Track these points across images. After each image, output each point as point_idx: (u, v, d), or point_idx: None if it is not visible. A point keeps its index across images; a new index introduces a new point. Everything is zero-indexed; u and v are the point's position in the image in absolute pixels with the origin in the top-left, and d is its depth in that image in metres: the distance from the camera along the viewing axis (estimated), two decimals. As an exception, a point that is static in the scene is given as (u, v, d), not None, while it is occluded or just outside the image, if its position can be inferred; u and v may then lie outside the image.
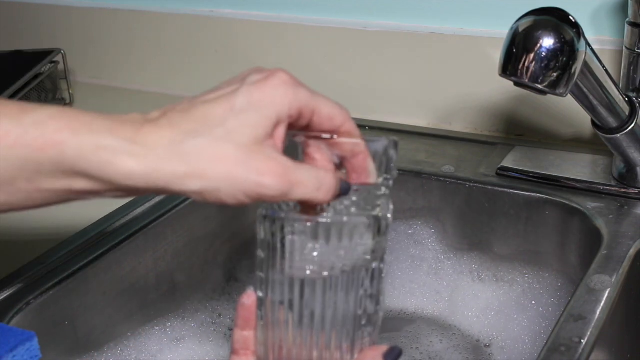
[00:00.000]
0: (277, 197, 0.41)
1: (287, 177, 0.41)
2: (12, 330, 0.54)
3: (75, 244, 0.74)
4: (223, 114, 0.42)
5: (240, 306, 0.46)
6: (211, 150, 0.41)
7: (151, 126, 0.41)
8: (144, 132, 0.41)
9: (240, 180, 0.41)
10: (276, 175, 0.41)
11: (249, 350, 0.47)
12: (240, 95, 0.42)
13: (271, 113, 0.42)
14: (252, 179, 0.41)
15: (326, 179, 0.43)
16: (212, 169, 0.41)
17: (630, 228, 0.71)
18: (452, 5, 0.94)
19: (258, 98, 0.42)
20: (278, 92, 0.43)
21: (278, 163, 0.41)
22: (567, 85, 0.63)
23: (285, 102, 0.43)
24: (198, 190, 0.41)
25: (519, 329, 0.80)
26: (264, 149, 0.41)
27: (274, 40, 1.06)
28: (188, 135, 0.41)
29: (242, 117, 0.42)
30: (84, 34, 1.23)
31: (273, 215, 0.44)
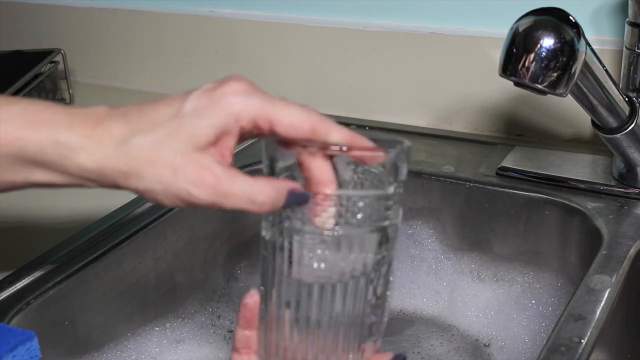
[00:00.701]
0: (208, 206, 0.42)
1: (217, 189, 0.42)
2: (12, 330, 0.54)
3: (75, 244, 0.74)
4: (169, 117, 0.43)
5: (243, 306, 0.46)
6: (150, 152, 0.42)
7: (108, 123, 0.43)
8: (100, 128, 0.43)
9: (172, 186, 0.42)
10: (206, 187, 0.42)
11: (250, 350, 0.47)
12: (189, 100, 0.43)
13: (216, 121, 0.42)
14: (182, 187, 0.42)
15: (263, 192, 0.42)
16: (148, 171, 0.42)
17: (630, 228, 0.71)
18: (452, 5, 0.94)
19: (204, 105, 0.42)
20: (227, 101, 0.43)
21: (210, 173, 0.42)
22: (567, 85, 0.63)
23: (233, 111, 0.42)
24: (138, 190, 0.43)
25: (518, 329, 0.80)
26: (200, 157, 0.42)
27: (274, 40, 1.06)
28: (135, 134, 0.42)
29: (184, 122, 0.42)
30: (84, 34, 1.23)
31: (280, 224, 0.43)
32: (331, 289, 0.43)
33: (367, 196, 0.43)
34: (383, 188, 0.44)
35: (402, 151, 0.44)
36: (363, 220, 0.43)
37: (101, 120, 0.44)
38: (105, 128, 0.43)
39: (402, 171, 0.44)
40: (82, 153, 0.43)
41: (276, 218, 0.44)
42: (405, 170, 0.45)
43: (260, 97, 0.43)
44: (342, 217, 0.43)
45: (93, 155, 0.43)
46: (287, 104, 0.43)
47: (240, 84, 0.43)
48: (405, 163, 0.45)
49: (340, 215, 0.43)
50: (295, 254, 0.43)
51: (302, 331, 0.44)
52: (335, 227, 0.43)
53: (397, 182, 0.44)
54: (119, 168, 0.43)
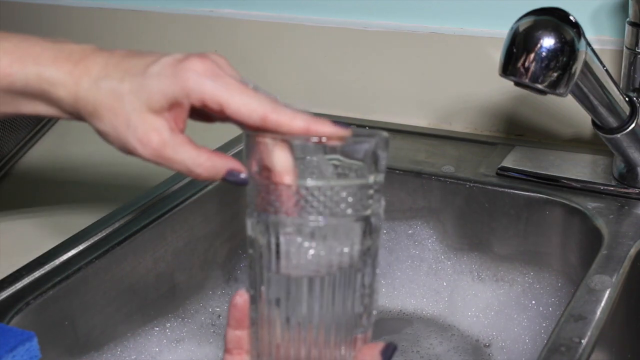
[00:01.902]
0: (154, 162, 0.46)
1: (160, 152, 0.46)
2: (11, 330, 0.54)
3: (75, 244, 0.74)
4: (137, 72, 0.46)
5: (233, 306, 0.46)
6: (112, 101, 0.46)
7: (90, 61, 0.48)
8: (82, 65, 0.47)
9: (123, 138, 0.46)
10: (150, 148, 0.46)
11: (242, 350, 0.47)
12: (158, 63, 0.46)
13: (168, 91, 0.45)
14: (130, 142, 0.46)
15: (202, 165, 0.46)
16: (107, 117, 0.46)
17: (630, 228, 0.71)
18: (452, 5, 0.94)
19: (166, 73, 0.45)
20: (183, 76, 0.45)
21: (158, 136, 0.46)
22: (567, 85, 0.63)
23: (185, 86, 0.45)
24: (97, 129, 0.48)
25: (518, 329, 0.80)
26: (153, 120, 0.46)
27: (274, 40, 1.06)
28: (106, 79, 0.47)
29: (146, 83, 0.46)
30: (84, 34, 1.23)
31: (266, 218, 0.44)
32: (319, 282, 0.44)
33: (348, 186, 0.44)
34: (364, 178, 0.45)
35: (380, 140, 0.45)
36: (345, 210, 0.44)
37: (85, 58, 0.48)
38: (87, 66, 0.47)
39: (381, 161, 0.45)
40: (61, 87, 0.47)
41: (261, 214, 0.44)
42: (384, 160, 0.45)
43: (217, 80, 0.45)
44: (326, 207, 0.43)
45: (70, 90, 0.47)
46: (243, 91, 0.45)
47: (204, 64, 0.46)
48: (384, 152, 0.45)
49: (324, 206, 0.43)
50: (282, 248, 0.44)
51: (292, 327, 0.44)
52: (318, 218, 0.43)
53: (377, 171, 0.45)
54: (86, 106, 0.47)
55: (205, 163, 0.46)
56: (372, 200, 0.45)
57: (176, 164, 0.46)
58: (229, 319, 0.47)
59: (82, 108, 0.47)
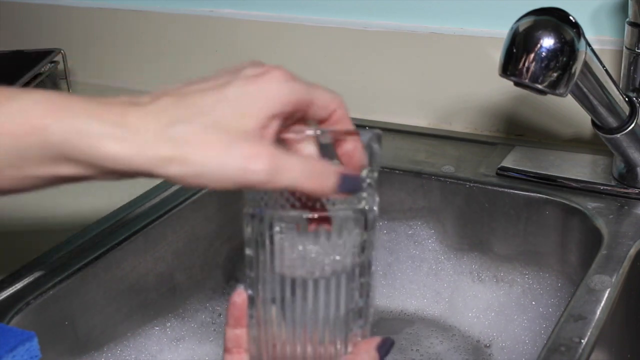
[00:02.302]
0: (263, 182, 0.41)
1: (274, 161, 0.41)
2: (12, 330, 0.54)
3: (75, 244, 0.74)
4: (213, 103, 0.42)
5: (232, 305, 0.46)
6: (197, 136, 0.40)
7: (138, 110, 0.41)
8: (131, 116, 0.41)
9: (226, 167, 0.40)
10: (263, 159, 0.40)
11: (241, 349, 0.47)
12: (233, 86, 0.42)
13: (263, 106, 0.42)
14: (238, 165, 0.40)
15: (323, 169, 0.42)
16: (196, 154, 0.40)
17: (630, 228, 0.71)
18: (452, 5, 0.94)
19: (252, 91, 0.42)
20: (272, 87, 0.43)
21: (265, 148, 0.41)
22: (567, 85, 0.63)
23: (279, 97, 0.43)
24: (180, 175, 0.41)
25: (519, 329, 0.80)
26: (251, 138, 0.41)
27: (274, 40, 1.06)
28: (175, 121, 0.41)
29: (233, 107, 0.42)
30: (84, 34, 1.23)
31: (260, 213, 0.44)
32: (315, 279, 0.44)
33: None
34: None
35: (374, 136, 0.45)
36: (340, 203, 0.44)
37: (128, 108, 0.41)
38: (136, 115, 0.41)
39: (375, 156, 0.45)
40: (113, 141, 0.40)
41: (256, 212, 0.44)
42: (378, 156, 0.46)
43: (301, 82, 0.44)
44: (319, 201, 0.44)
45: (126, 143, 0.40)
46: (320, 86, 0.45)
47: (282, 72, 0.44)
48: (377, 148, 0.46)
49: (317, 200, 0.44)
50: (277, 247, 0.44)
51: (289, 325, 0.44)
52: (313, 213, 0.43)
53: (371, 166, 0.45)
54: (158, 154, 0.40)
55: (314, 167, 0.42)
56: (366, 194, 0.45)
57: (292, 173, 0.41)
58: (227, 318, 0.47)
59: (147, 159, 0.41)
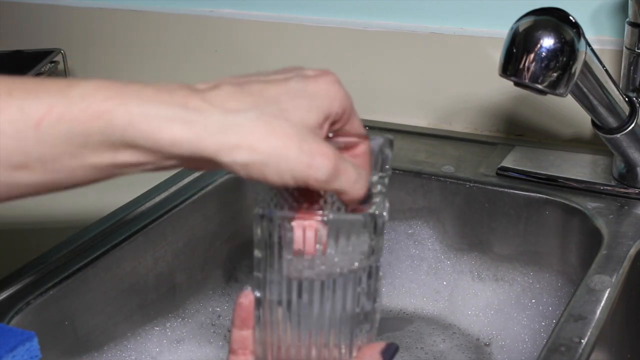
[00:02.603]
0: (322, 181, 0.40)
1: (337, 163, 0.40)
2: (12, 330, 0.54)
3: (75, 244, 0.74)
4: (277, 94, 0.41)
5: (238, 306, 0.46)
6: (264, 125, 0.40)
7: (201, 96, 0.41)
8: (195, 101, 0.40)
9: (291, 158, 0.40)
10: (328, 159, 0.40)
11: (247, 350, 0.47)
12: (295, 82, 0.42)
13: (323, 104, 0.42)
14: (303, 159, 0.40)
15: (364, 175, 0.42)
16: (264, 143, 0.40)
17: (630, 228, 0.71)
18: (452, 5, 0.94)
19: (313, 89, 0.42)
20: (332, 88, 0.43)
21: (329, 148, 0.41)
22: (567, 85, 0.63)
23: (337, 98, 0.43)
24: (245, 163, 0.40)
25: (518, 328, 0.80)
26: (316, 134, 0.41)
27: (274, 40, 1.06)
28: (241, 108, 0.40)
29: (296, 101, 0.41)
30: (84, 34, 1.23)
31: (270, 214, 0.44)
32: (323, 283, 0.44)
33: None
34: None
35: (386, 142, 0.45)
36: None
37: (190, 94, 0.41)
38: (200, 100, 0.40)
39: (386, 162, 0.46)
40: (178, 124, 0.39)
41: (266, 214, 0.44)
42: (388, 162, 0.46)
43: (349, 94, 0.44)
44: (328, 205, 0.44)
45: (191, 126, 0.39)
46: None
47: (337, 78, 0.44)
48: (389, 153, 0.46)
49: (326, 203, 0.44)
50: (287, 249, 0.44)
51: (294, 328, 0.44)
52: (322, 218, 0.43)
53: (381, 171, 0.45)
54: (224, 139, 0.39)
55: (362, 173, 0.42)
56: (376, 199, 0.45)
57: (345, 176, 0.41)
58: (234, 319, 0.47)
59: (212, 144, 0.39)
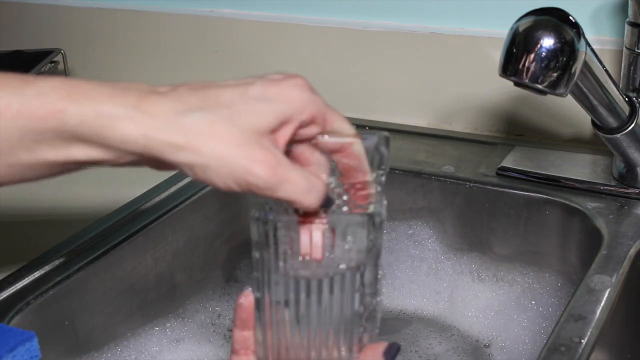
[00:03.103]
0: (263, 189, 0.41)
1: (278, 172, 0.41)
2: (12, 330, 0.54)
3: (75, 244, 0.74)
4: (232, 98, 0.42)
5: (238, 307, 0.46)
6: (210, 128, 0.41)
7: (157, 97, 0.42)
8: (148, 101, 0.41)
9: (231, 163, 0.41)
10: (267, 166, 0.40)
11: (249, 350, 0.47)
12: (255, 86, 0.43)
13: (281, 108, 0.42)
14: (242, 165, 0.40)
15: (318, 184, 0.42)
16: (207, 146, 0.41)
17: (630, 228, 0.71)
18: (452, 5, 0.94)
19: (273, 92, 0.42)
20: (294, 92, 0.43)
21: (272, 155, 0.41)
22: (567, 85, 0.63)
23: (299, 102, 0.43)
24: (189, 164, 0.41)
25: (518, 329, 0.80)
26: (262, 140, 0.41)
27: (274, 40, 1.06)
28: (191, 110, 0.41)
29: (250, 105, 0.42)
30: (84, 34, 1.23)
31: (265, 217, 0.44)
32: (321, 282, 0.44)
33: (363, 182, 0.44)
34: None
35: (381, 139, 0.45)
36: (344, 207, 0.44)
37: (147, 94, 0.42)
38: (154, 101, 0.41)
39: (382, 160, 0.45)
40: (128, 122, 0.41)
41: (262, 215, 0.44)
42: (385, 159, 0.46)
43: (319, 97, 0.44)
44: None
45: (140, 124, 0.41)
46: (337, 111, 0.45)
47: (304, 81, 0.44)
48: (385, 151, 0.45)
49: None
50: (284, 249, 0.44)
51: (297, 327, 0.44)
52: (320, 217, 0.43)
53: (378, 170, 0.45)
54: (170, 139, 0.41)
55: (314, 182, 0.42)
56: (374, 198, 0.45)
57: (292, 185, 0.41)
58: (235, 320, 0.47)
59: (159, 144, 0.41)
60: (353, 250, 0.44)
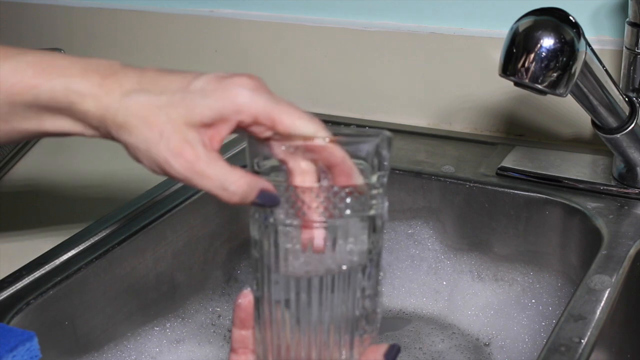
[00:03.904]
0: (181, 180, 0.44)
1: (195, 167, 0.43)
2: (12, 330, 0.54)
3: (75, 244, 0.74)
4: (177, 87, 0.45)
5: (237, 307, 0.47)
6: (146, 112, 0.44)
7: (121, 76, 0.45)
8: (112, 79, 0.45)
9: (154, 151, 0.44)
10: (184, 161, 0.43)
11: (247, 349, 0.47)
12: (200, 80, 0.45)
13: (216, 106, 0.44)
14: (162, 155, 0.43)
15: (236, 183, 0.43)
16: (138, 129, 0.44)
17: (630, 228, 0.71)
18: (452, 5, 0.94)
19: (212, 88, 0.44)
20: (234, 91, 0.44)
21: (192, 150, 0.43)
22: (567, 85, 0.63)
23: (236, 102, 0.44)
24: (125, 143, 0.45)
25: (518, 328, 0.80)
26: (188, 133, 0.43)
27: (274, 40, 1.06)
28: (140, 91, 0.44)
29: (188, 96, 0.44)
30: (84, 34, 1.23)
31: (265, 219, 0.44)
32: (322, 283, 0.44)
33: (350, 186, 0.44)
34: (366, 178, 0.44)
35: (384, 140, 0.45)
36: (348, 211, 0.44)
37: (114, 73, 0.46)
38: (118, 80, 0.45)
39: (384, 160, 0.45)
40: (90, 99, 0.45)
41: (261, 215, 0.44)
42: (387, 160, 0.45)
43: (267, 96, 0.44)
44: (327, 209, 0.44)
45: (98, 102, 0.45)
46: (291, 107, 0.44)
47: (251, 80, 0.45)
48: (387, 152, 0.45)
49: (325, 207, 0.43)
50: (284, 249, 0.44)
51: (295, 328, 0.44)
52: (322, 219, 0.43)
53: (380, 171, 0.45)
54: (116, 119, 0.44)
55: (239, 181, 0.43)
56: (375, 200, 0.45)
57: (208, 181, 0.43)
58: (233, 319, 0.47)
59: (110, 121, 0.45)
60: (354, 252, 0.44)
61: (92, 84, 0.45)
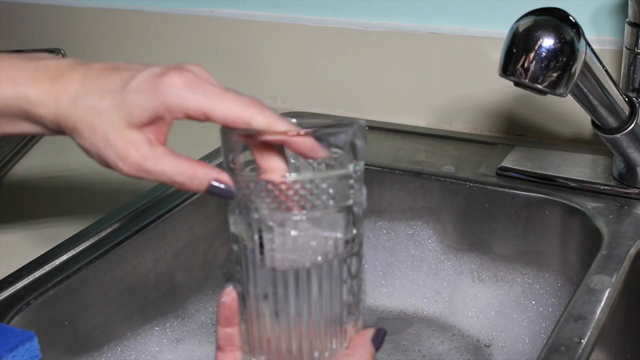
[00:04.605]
0: (135, 177, 0.46)
1: (140, 166, 0.46)
2: (12, 330, 0.54)
3: (75, 244, 0.74)
4: (117, 87, 0.46)
5: (221, 305, 0.47)
6: (92, 118, 0.46)
7: (66, 79, 0.47)
8: (59, 84, 0.47)
9: (102, 154, 0.46)
10: (130, 162, 0.46)
11: (234, 347, 0.47)
12: (137, 79, 0.46)
13: (149, 107, 0.45)
14: (110, 158, 0.46)
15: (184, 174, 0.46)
16: (88, 134, 0.46)
17: (630, 228, 0.71)
18: (452, 5, 0.94)
19: (145, 89, 0.45)
20: (163, 91, 0.45)
21: (137, 151, 0.46)
22: (567, 85, 0.63)
23: (166, 102, 0.45)
24: (80, 145, 0.48)
25: (519, 329, 0.80)
26: (132, 134, 0.46)
27: (274, 40, 1.06)
28: (84, 95, 0.47)
29: (125, 99, 0.45)
30: (84, 34, 1.23)
31: (248, 214, 0.44)
32: (306, 274, 0.44)
33: (328, 177, 0.44)
34: (343, 168, 0.45)
35: (358, 129, 0.45)
36: (327, 202, 0.44)
37: (61, 75, 0.48)
38: (64, 83, 0.47)
39: (360, 149, 0.45)
40: (40, 106, 0.48)
41: (243, 210, 0.44)
42: (363, 148, 0.45)
43: (197, 91, 0.45)
44: (307, 201, 0.44)
45: (49, 109, 0.47)
46: (226, 97, 0.45)
47: (182, 76, 0.45)
48: (362, 141, 0.45)
49: (305, 199, 0.43)
50: (265, 243, 0.44)
51: (282, 320, 0.44)
52: (301, 212, 0.43)
53: (357, 160, 0.45)
54: (67, 123, 0.47)
55: (186, 171, 0.46)
56: (353, 189, 0.45)
57: (158, 176, 0.46)
58: (218, 318, 0.47)
59: (62, 125, 0.48)
60: (338, 241, 0.44)
61: (42, 90, 0.47)
